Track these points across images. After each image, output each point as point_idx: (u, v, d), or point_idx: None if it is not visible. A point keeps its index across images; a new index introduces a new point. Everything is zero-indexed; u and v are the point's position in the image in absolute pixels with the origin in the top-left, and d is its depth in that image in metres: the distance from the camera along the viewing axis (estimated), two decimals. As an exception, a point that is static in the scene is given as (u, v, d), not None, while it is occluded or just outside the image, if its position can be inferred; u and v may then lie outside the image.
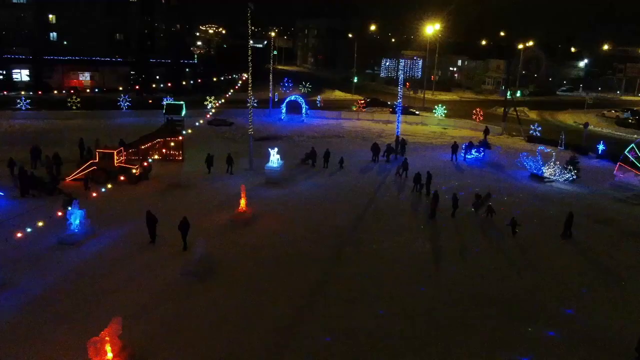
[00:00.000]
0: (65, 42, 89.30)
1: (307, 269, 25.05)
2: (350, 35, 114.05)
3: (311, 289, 23.23)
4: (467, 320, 21.05)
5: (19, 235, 22.98)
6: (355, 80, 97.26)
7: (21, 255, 24.46)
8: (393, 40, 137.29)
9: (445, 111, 68.38)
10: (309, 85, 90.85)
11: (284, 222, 30.93)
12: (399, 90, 48.80)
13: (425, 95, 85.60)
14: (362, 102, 75.62)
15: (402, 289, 23.40)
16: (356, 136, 56.47)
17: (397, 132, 47.31)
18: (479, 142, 49.95)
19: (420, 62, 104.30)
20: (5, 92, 70.46)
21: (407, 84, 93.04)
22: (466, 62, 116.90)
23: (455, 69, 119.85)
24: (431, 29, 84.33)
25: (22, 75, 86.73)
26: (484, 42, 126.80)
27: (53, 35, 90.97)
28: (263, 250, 26.91)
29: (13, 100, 64.84)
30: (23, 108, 62.96)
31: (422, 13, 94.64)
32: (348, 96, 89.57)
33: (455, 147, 46.53)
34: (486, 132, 53.80)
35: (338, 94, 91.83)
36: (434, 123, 65.73)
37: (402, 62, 66.90)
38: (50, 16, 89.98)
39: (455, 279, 24.60)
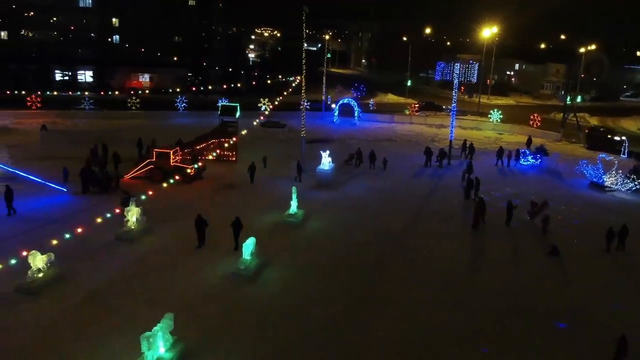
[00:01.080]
0: (126, 45, 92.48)
1: (354, 272, 24.98)
2: (404, 38, 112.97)
3: (358, 292, 23.13)
4: (509, 333, 20.48)
5: (79, 230, 23.88)
6: (409, 83, 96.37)
7: (81, 249, 25.41)
8: (448, 43, 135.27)
9: (501, 116, 66.85)
10: (360, 86, 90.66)
11: (333, 224, 30.96)
12: (454, 94, 48.05)
13: (481, 100, 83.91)
14: (416, 105, 74.89)
15: (448, 297, 22.99)
16: (409, 140, 55.98)
17: (451, 136, 46.58)
18: (536, 148, 48.57)
19: (476, 66, 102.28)
20: (70, 93, 73.58)
21: (462, 87, 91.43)
22: (524, 66, 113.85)
23: (512, 72, 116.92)
24: (488, 31, 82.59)
25: (86, 76, 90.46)
26: (542, 46, 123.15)
27: (115, 38, 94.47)
28: (311, 252, 27.01)
29: (77, 100, 67.70)
30: (86, 108, 65.67)
31: (479, 16, 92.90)
32: (401, 99, 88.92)
33: (500, 152, 45.73)
34: (529, 142, 52.08)
35: (391, 97, 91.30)
36: (489, 128, 64.36)
37: (457, 66, 65.51)
38: (114, 20, 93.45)
39: (502, 289, 23.96)
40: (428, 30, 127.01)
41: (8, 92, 65.39)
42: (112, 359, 17.80)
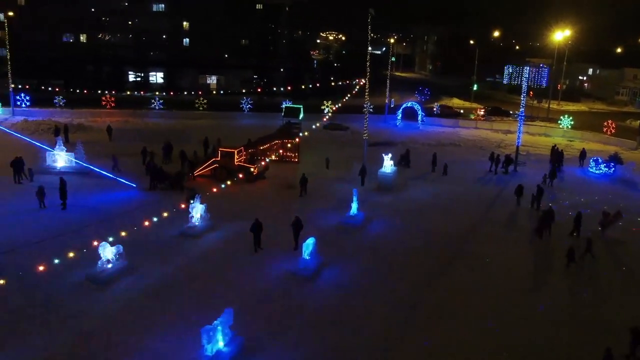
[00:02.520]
0: (195, 47, 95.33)
1: (413, 276, 24.65)
2: (471, 42, 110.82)
3: (415, 297, 22.79)
4: (566, 349, 19.60)
5: (146, 224, 24.75)
6: (475, 87, 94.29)
7: (147, 243, 26.33)
8: (517, 47, 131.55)
9: (572, 122, 64.27)
10: (424, 90, 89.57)
11: (394, 228, 30.68)
12: (522, 99, 46.59)
13: (550, 105, 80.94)
14: (482, 110, 73.22)
15: (507, 308, 22.25)
16: (473, 145, 54.74)
17: (518, 142, 45.20)
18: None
19: (547, 70, 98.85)
20: (142, 93, 76.61)
21: (531, 92, 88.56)
22: (598, 71, 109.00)
23: (585, 77, 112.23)
24: (560, 34, 79.68)
25: (157, 77, 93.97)
26: (619, 50, 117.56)
27: (185, 40, 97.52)
28: (371, 255, 26.85)
29: (148, 100, 70.36)
30: (156, 108, 68.16)
31: (550, 18, 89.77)
32: (467, 104, 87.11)
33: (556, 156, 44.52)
34: (583, 155, 49.47)
35: (456, 102, 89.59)
36: (559, 135, 61.98)
37: (526, 70, 63.55)
38: (184, 23, 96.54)
39: (570, 302, 22.97)
40: (496, 34, 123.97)
41: (85, 92, 68.80)
42: (173, 350, 18.32)
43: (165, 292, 22.28)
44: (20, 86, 65.40)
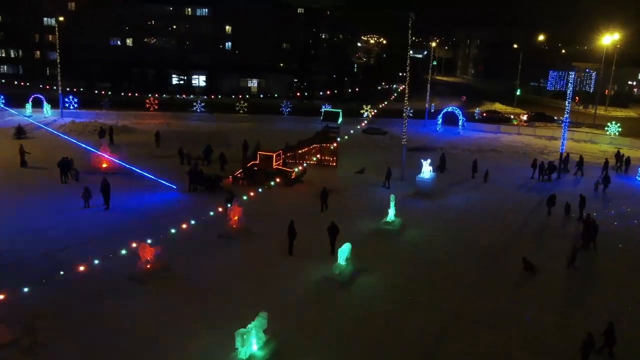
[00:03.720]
0: (237, 51, 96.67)
1: (450, 285, 24.24)
2: (515, 46, 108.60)
3: (452, 307, 22.38)
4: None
5: (184, 226, 25.15)
6: (519, 92, 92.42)
7: (185, 244, 26.69)
8: (563, 51, 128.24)
9: (620, 129, 62.24)
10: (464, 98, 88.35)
11: (431, 235, 30.28)
12: (567, 104, 45.39)
13: (597, 111, 78.62)
14: (525, 115, 71.75)
15: (552, 321, 21.65)
16: (515, 151, 53.61)
17: (562, 149, 44.07)
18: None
19: (594, 75, 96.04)
20: (184, 95, 78.12)
21: (577, 98, 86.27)
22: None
23: (634, 82, 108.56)
24: (609, 38, 77.35)
25: (199, 80, 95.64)
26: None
27: (228, 44, 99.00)
28: (407, 261, 26.57)
29: (190, 103, 71.71)
30: (198, 110, 69.38)
31: (598, 21, 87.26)
32: (509, 109, 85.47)
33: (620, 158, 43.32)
34: (619, 158, 47.90)
35: (498, 107, 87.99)
36: (606, 142, 60.09)
37: (572, 74, 61.91)
38: (227, 27, 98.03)
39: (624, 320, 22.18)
40: (541, 37, 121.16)
41: (130, 94, 70.55)
42: (206, 352, 18.51)
43: (202, 294, 22.56)
44: (68, 89, 67.66)
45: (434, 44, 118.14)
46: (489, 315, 21.74)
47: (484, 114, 74.81)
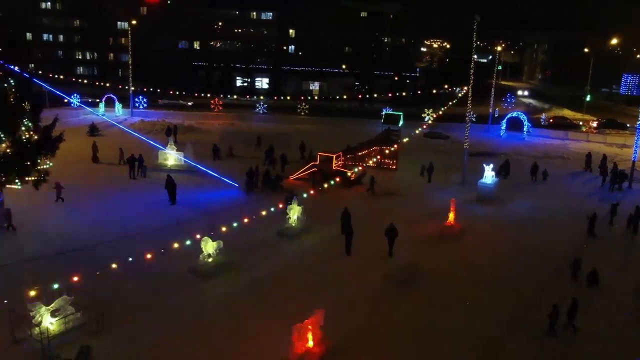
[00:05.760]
0: (300, 54, 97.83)
1: (509, 293, 23.62)
2: (586, 50, 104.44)
3: (516, 315, 21.86)
4: None
5: (245, 220, 25.76)
6: (589, 98, 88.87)
7: (246, 240, 27.30)
8: (639, 55, 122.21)
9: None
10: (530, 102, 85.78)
11: (491, 241, 29.66)
12: (641, 110, 43.37)
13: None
14: (595, 122, 69.00)
15: (616, 334, 20.76)
16: (583, 159, 51.56)
17: (635, 157, 42.12)
18: None
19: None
20: (247, 97, 79.87)
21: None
22: None
23: None
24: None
25: (262, 83, 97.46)
26: None
27: (291, 48, 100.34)
28: (466, 267, 26.16)
29: (253, 104, 73.21)
30: (260, 112, 70.72)
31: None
32: (578, 115, 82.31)
33: None
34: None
35: (566, 113, 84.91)
36: (683, 151, 56.83)
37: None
38: (291, 31, 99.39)
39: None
40: (614, 41, 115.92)
41: (196, 95, 72.86)
42: (264, 344, 18.90)
43: (260, 289, 23.05)
44: (138, 89, 70.57)
45: (499, 48, 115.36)
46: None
47: (551, 120, 72.53)
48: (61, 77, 66.30)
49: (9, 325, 18.43)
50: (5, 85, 26.79)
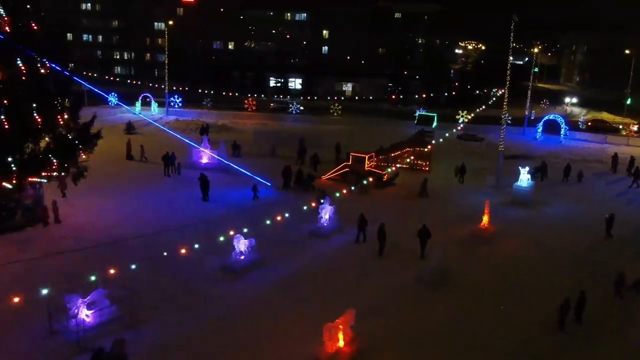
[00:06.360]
0: (333, 55, 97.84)
1: (542, 298, 22.96)
2: (627, 51, 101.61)
3: (544, 320, 21.28)
4: None
5: (278, 218, 25.84)
6: (629, 101, 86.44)
7: (278, 239, 27.43)
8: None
9: None
10: (569, 102, 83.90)
11: (526, 244, 29.11)
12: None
13: None
14: (636, 126, 67.08)
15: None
16: (622, 163, 50.15)
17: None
18: None
19: None
20: (281, 97, 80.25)
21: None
22: None
23: None
24: None
25: (295, 83, 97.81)
26: None
27: (324, 48, 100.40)
28: (499, 270, 25.76)
29: (287, 105, 73.59)
30: (293, 112, 70.98)
31: None
32: (618, 119, 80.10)
33: None
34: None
35: (606, 116, 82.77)
36: None
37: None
38: (324, 32, 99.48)
39: None
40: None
41: (230, 95, 73.51)
42: (295, 342, 18.92)
43: (292, 287, 23.09)
44: (174, 88, 71.68)
45: (536, 50, 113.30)
46: (596, 332, 20.67)
47: (589, 123, 70.77)
48: (103, 76, 67.70)
49: (47, 317, 18.87)
50: (48, 83, 27.52)
